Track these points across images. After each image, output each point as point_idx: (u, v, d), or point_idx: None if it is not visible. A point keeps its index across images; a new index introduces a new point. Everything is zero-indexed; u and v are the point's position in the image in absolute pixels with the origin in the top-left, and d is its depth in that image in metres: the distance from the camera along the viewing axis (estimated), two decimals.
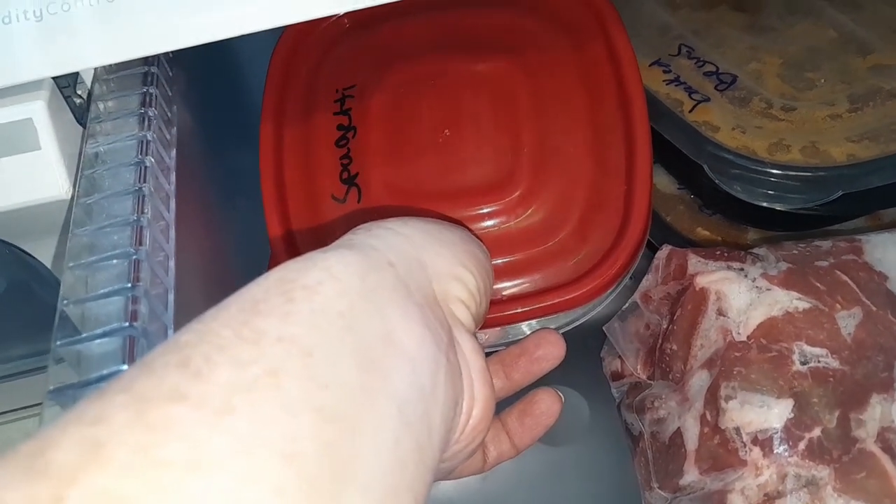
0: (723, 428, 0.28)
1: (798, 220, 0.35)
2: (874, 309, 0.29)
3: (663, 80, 0.39)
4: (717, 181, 0.34)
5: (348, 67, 0.38)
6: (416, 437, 0.17)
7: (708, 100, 0.37)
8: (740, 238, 0.39)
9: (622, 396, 0.36)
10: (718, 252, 0.33)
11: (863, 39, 0.39)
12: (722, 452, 0.28)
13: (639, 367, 0.35)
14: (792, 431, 0.27)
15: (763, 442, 0.27)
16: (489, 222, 0.34)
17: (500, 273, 0.33)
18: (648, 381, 0.34)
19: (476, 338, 0.23)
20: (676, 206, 0.40)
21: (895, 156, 0.34)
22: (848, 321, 0.29)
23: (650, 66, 0.39)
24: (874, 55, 0.38)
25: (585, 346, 0.40)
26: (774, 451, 0.27)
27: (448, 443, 0.20)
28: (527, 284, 0.33)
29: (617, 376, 0.36)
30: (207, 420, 0.13)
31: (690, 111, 0.37)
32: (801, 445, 0.27)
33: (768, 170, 0.34)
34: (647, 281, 0.35)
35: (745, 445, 0.28)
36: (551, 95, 0.35)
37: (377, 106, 0.36)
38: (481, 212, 0.34)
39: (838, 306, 0.29)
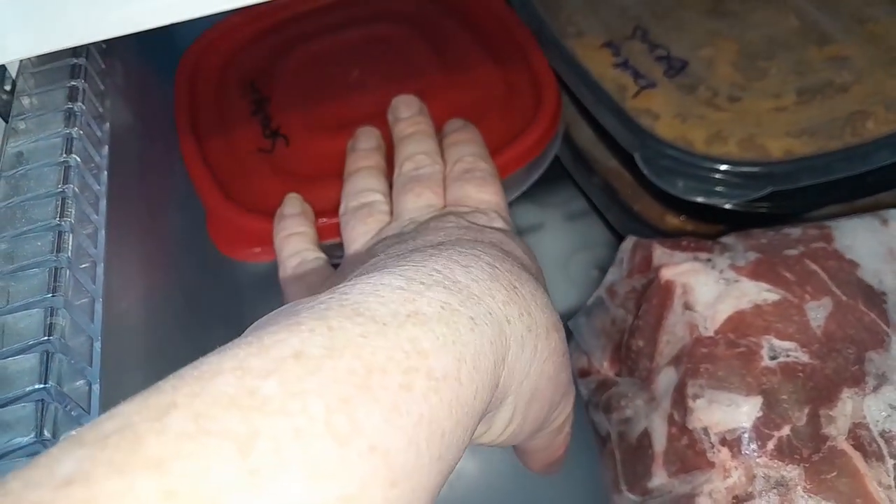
0: (690, 428, 0.27)
1: (729, 216, 0.34)
2: (844, 299, 0.28)
3: (611, 64, 0.37)
4: (645, 171, 0.33)
5: (257, 59, 0.42)
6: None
7: (654, 85, 0.36)
8: (711, 227, 0.38)
9: (590, 395, 0.35)
10: (685, 242, 0.31)
11: (824, 29, 0.38)
12: (690, 454, 0.27)
13: (605, 364, 0.33)
14: (760, 430, 0.26)
15: (731, 442, 0.26)
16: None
17: None
18: (615, 379, 0.33)
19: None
20: (644, 194, 0.39)
21: (828, 154, 0.32)
22: (818, 312, 0.28)
23: (601, 47, 0.38)
24: (832, 46, 0.37)
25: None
26: (743, 452, 0.26)
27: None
28: None
29: (584, 373, 0.35)
30: None
31: (634, 97, 0.35)
32: (770, 445, 0.26)
33: (699, 162, 0.32)
34: (611, 274, 0.33)
35: (713, 446, 0.26)
36: (452, 41, 0.40)
37: (287, 74, 0.40)
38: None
39: (808, 297, 0.28)
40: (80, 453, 0.11)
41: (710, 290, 0.29)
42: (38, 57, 0.30)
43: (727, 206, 0.34)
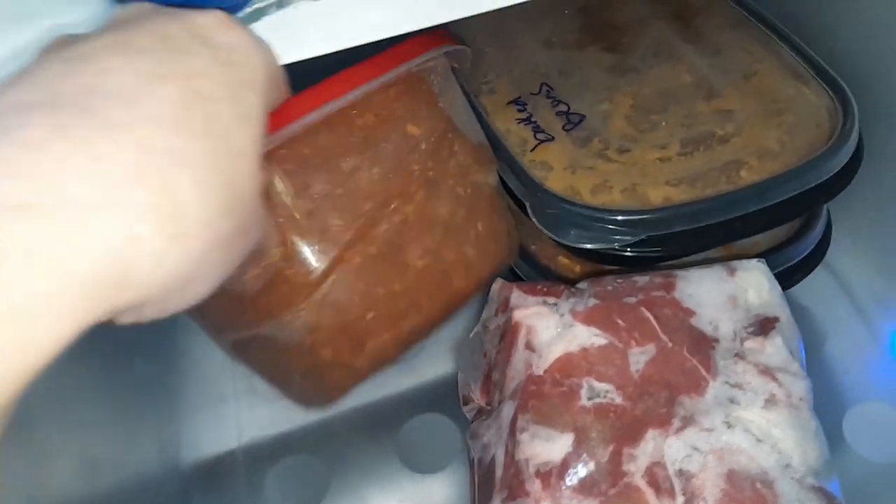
0: (517, 459, 0.30)
1: (615, 259, 0.36)
2: (670, 345, 0.31)
3: (515, 119, 0.40)
4: (534, 220, 0.35)
5: None
6: None
7: (552, 139, 0.38)
8: (599, 268, 0.40)
9: (470, 421, 0.37)
10: (540, 286, 0.34)
11: (713, 84, 0.40)
12: (515, 483, 0.30)
13: (478, 394, 0.36)
14: (568, 465, 0.28)
15: (543, 475, 0.29)
16: None
17: None
18: (487, 408, 0.36)
19: None
20: (540, 236, 0.42)
21: (700, 201, 0.34)
22: (639, 357, 0.30)
23: (507, 104, 0.41)
24: (719, 99, 0.39)
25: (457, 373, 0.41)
26: (551, 484, 0.28)
27: None
28: None
29: (466, 401, 0.38)
30: None
31: (532, 150, 0.38)
32: (574, 479, 0.28)
33: (582, 211, 0.34)
34: (486, 311, 0.36)
35: (530, 477, 0.29)
36: None
37: None
38: None
39: (633, 343, 0.31)
40: None
41: (550, 332, 0.32)
42: None
43: (611, 251, 0.37)
